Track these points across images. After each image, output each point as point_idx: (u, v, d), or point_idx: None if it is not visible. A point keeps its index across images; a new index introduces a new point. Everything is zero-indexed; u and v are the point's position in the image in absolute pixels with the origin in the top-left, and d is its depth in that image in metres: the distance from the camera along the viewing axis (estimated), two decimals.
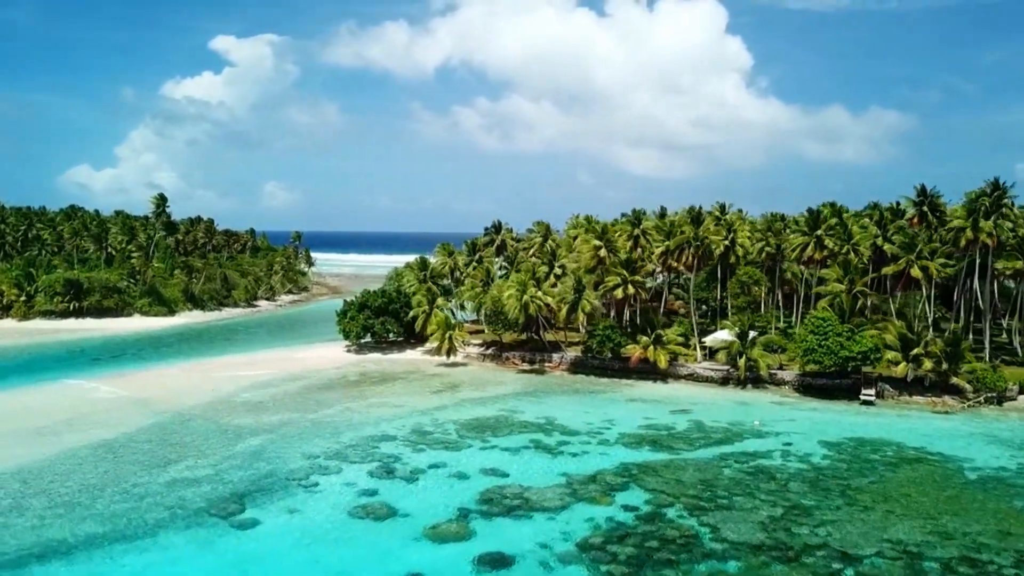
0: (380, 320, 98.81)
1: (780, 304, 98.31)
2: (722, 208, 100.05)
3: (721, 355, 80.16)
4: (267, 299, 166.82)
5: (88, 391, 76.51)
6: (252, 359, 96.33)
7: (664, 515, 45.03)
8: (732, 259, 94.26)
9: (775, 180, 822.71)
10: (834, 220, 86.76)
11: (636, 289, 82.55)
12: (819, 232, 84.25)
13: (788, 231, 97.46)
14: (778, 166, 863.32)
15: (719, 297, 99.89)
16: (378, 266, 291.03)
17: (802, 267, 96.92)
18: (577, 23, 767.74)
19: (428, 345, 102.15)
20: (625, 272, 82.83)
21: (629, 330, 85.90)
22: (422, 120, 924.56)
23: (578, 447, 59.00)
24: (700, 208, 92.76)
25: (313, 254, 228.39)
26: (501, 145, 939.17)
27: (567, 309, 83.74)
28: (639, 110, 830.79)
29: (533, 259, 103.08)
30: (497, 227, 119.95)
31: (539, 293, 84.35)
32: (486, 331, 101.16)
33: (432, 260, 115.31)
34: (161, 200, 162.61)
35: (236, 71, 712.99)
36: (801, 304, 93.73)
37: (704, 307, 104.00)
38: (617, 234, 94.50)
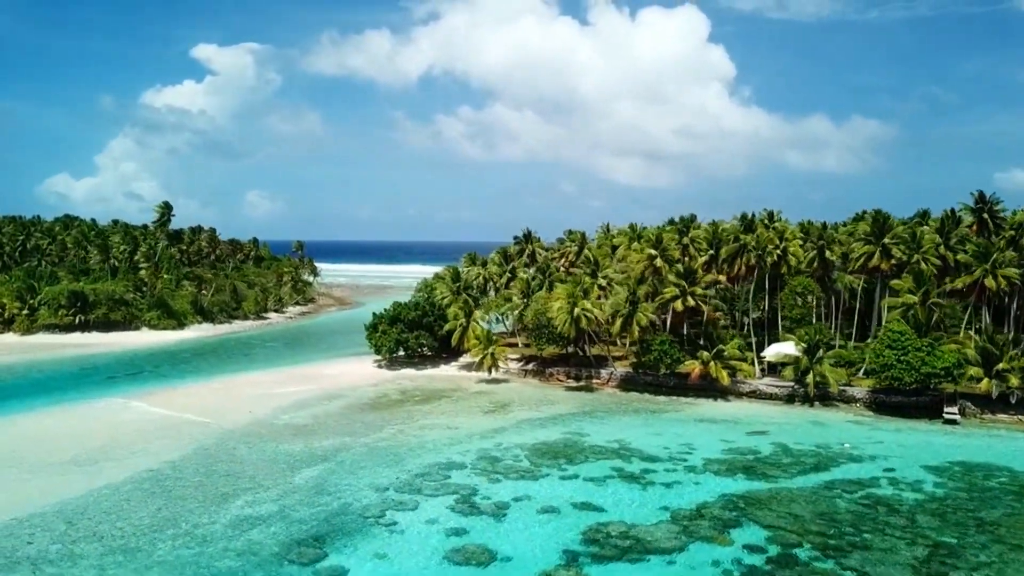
0: (414, 334, 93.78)
1: (833, 316, 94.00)
2: (770, 215, 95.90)
3: (788, 371, 75.63)
4: (276, 311, 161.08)
5: (116, 413, 71.09)
6: (280, 376, 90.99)
7: (797, 557, 40.47)
8: (784, 269, 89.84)
9: (758, 189, 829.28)
10: (900, 228, 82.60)
11: (696, 301, 77.96)
12: (886, 241, 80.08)
13: (837, 240, 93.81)
14: (761, 175, 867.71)
15: (766, 308, 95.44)
16: (372, 276, 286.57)
17: (852, 277, 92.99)
18: (559, 32, 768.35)
19: (462, 360, 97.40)
20: (684, 283, 78.29)
21: (684, 344, 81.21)
22: (405, 129, 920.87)
23: (666, 475, 54.35)
24: (753, 215, 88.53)
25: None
26: (484, 154, 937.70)
27: (620, 323, 78.97)
28: (622, 119, 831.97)
29: (574, 269, 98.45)
30: (527, 236, 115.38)
31: (589, 306, 79.57)
32: (519, 344, 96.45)
33: (464, 270, 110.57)
34: (165, 208, 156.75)
35: (218, 80, 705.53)
36: (857, 316, 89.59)
37: (748, 319, 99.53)
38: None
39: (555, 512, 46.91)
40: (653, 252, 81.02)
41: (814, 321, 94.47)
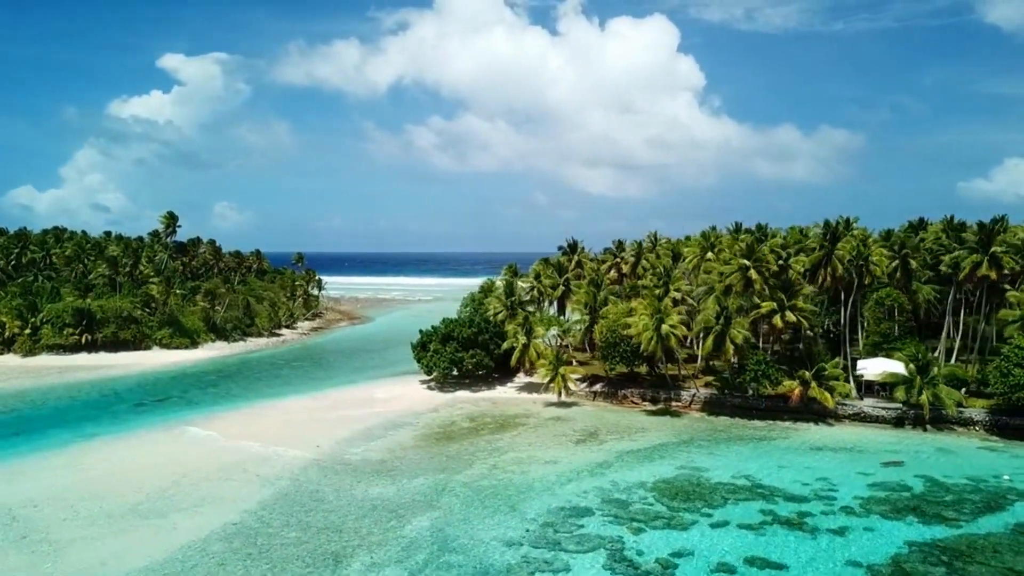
0: (470, 353, 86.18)
1: (916, 330, 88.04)
2: (847, 222, 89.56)
3: (900, 391, 69.25)
4: (288, 327, 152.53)
5: (166, 448, 62.82)
6: (327, 400, 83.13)
7: None
8: (868, 279, 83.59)
9: (728, 199, 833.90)
10: (1015, 235, 76.81)
11: (797, 317, 71.37)
12: (995, 249, 74.13)
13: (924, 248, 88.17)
14: (730, 184, 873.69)
15: (843, 322, 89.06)
16: (364, 288, 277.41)
17: (929, 288, 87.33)
18: (529, 42, 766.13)
19: (517, 380, 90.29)
20: (783, 296, 71.72)
21: (777, 363, 74.61)
22: (375, 139, 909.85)
23: (826, 519, 47.59)
24: (838, 222, 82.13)
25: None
26: (456, 164, 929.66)
27: (712, 340, 72.16)
28: (593, 129, 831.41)
29: (629, 281, 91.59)
30: (572, 246, 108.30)
31: (677, 321, 72.73)
32: (572, 362, 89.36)
33: (500, 283, 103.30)
34: (170, 219, 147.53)
35: (185, 90, 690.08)
36: (952, 330, 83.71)
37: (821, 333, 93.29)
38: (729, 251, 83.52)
39: (732, 572, 39.84)
40: (745, 262, 74.26)
41: (895, 334, 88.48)
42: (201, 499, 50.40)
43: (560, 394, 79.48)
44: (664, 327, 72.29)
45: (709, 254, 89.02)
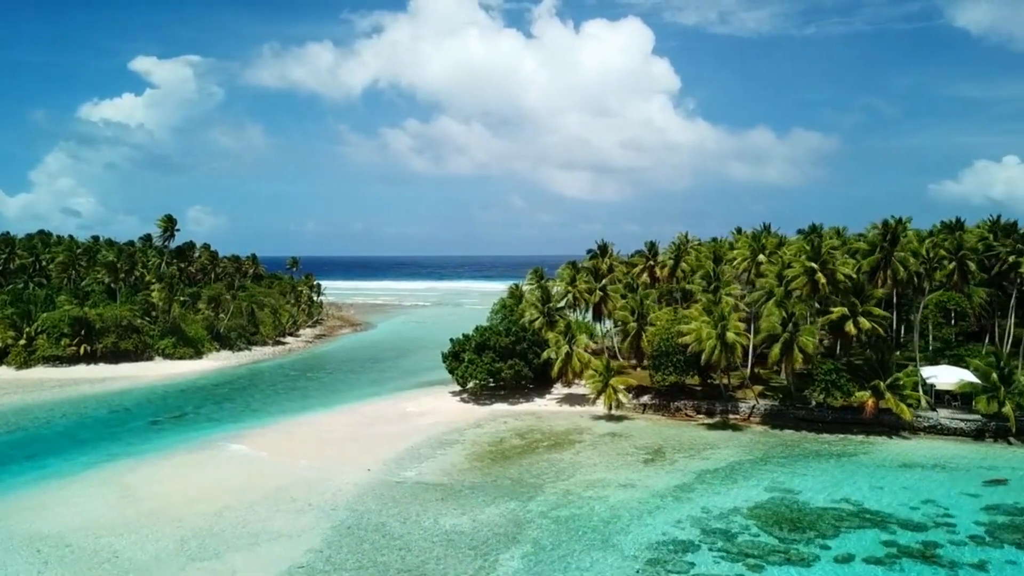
0: (508, 363, 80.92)
1: (976, 335, 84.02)
2: (898, 222, 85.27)
3: (981, 402, 64.93)
4: (291, 334, 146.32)
5: (198, 473, 56.98)
6: (357, 416, 77.68)
7: None
8: (927, 283, 79.42)
9: (703, 202, 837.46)
10: None
11: (872, 323, 66.88)
12: None
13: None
14: (705, 187, 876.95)
15: (895, 327, 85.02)
16: (354, 292, 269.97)
17: (983, 291, 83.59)
18: (504, 45, 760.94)
19: (556, 391, 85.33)
20: (856, 300, 67.20)
21: (846, 372, 70.04)
22: (350, 143, 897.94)
23: (957, 551, 43.13)
24: (897, 221, 77.78)
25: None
26: (432, 167, 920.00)
27: (779, 349, 67.47)
28: (569, 132, 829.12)
29: (680, 286, 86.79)
30: (603, 248, 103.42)
31: (743, 330, 68.00)
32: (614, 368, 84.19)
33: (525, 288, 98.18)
34: (169, 223, 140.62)
35: (158, 93, 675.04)
36: (1007, 334, 79.84)
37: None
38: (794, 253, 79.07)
39: None
40: (812, 265, 69.63)
41: (955, 340, 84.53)
42: (255, 535, 44.81)
43: (611, 408, 74.38)
44: (730, 335, 67.49)
45: (760, 256, 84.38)
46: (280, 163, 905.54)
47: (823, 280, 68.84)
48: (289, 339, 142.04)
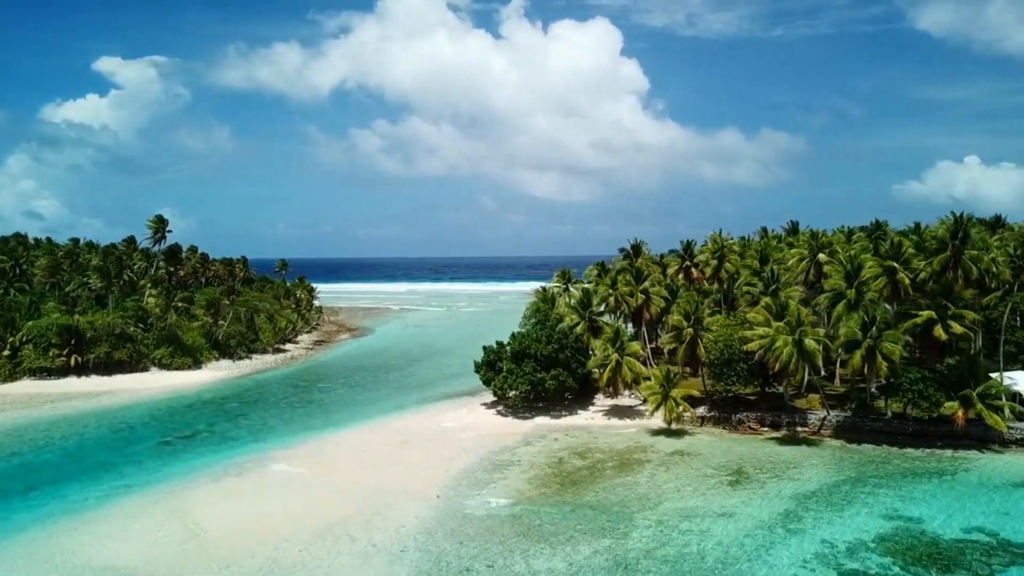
0: (551, 374, 74.45)
1: None
2: (958, 219, 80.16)
3: None
4: (290, 341, 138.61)
5: (234, 506, 49.71)
6: (389, 432, 71.01)
7: None
8: (992, 283, 74.30)
9: (673, 203, 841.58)
10: None
11: (965, 328, 61.35)
12: None
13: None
14: (675, 188, 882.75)
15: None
16: (340, 295, 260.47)
17: None
18: (473, 46, 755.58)
19: (599, 402, 79.09)
20: (946, 303, 61.64)
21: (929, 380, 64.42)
22: (319, 144, 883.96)
23: None
24: (965, 217, 72.49)
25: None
26: (403, 168, 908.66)
27: (861, 356, 61.68)
28: (539, 133, 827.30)
29: (726, 288, 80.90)
30: (636, 248, 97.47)
31: (822, 336, 62.21)
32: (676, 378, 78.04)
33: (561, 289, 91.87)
34: (159, 224, 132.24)
35: (123, 93, 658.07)
36: None
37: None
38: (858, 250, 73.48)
39: None
40: (893, 264, 63.99)
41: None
42: None
43: (670, 422, 68.18)
44: (809, 342, 61.57)
45: (821, 255, 78.65)
46: (248, 165, 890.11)
47: (906, 281, 63.19)
48: (289, 346, 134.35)
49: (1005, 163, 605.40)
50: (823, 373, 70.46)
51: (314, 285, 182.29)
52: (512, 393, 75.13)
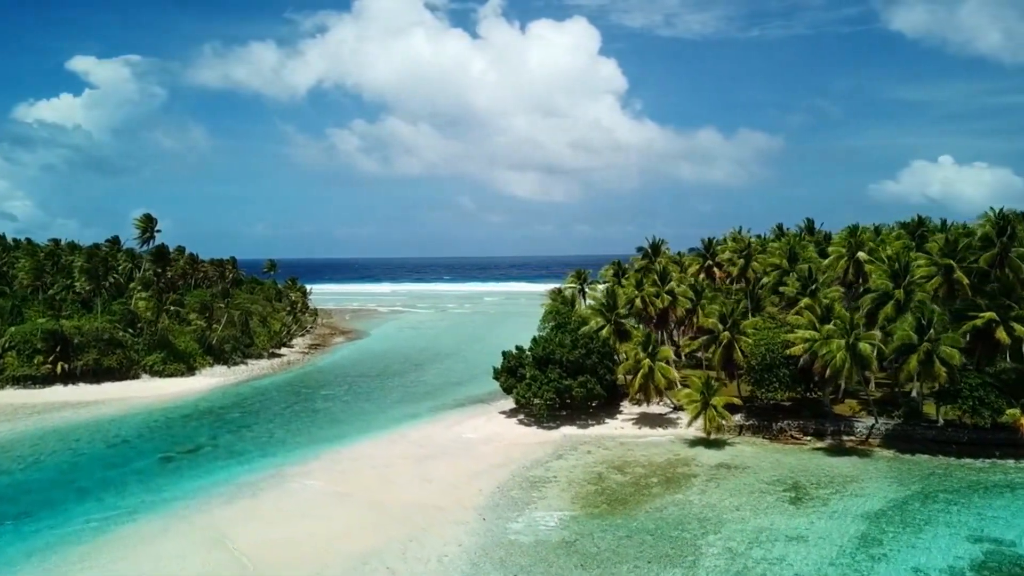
0: (578, 381, 70.06)
1: None
2: (1001, 215, 76.68)
3: None
4: (286, 345, 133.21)
5: (265, 529, 44.80)
6: (407, 443, 66.43)
7: None
8: None
9: (651, 202, 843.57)
10: None
11: None
12: None
13: None
14: (654, 187, 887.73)
15: None
16: (325, 296, 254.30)
17: None
18: (451, 45, 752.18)
19: (626, 410, 74.82)
20: (1010, 303, 57.87)
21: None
22: (297, 143, 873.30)
23: None
24: (1009, 213, 68.90)
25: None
26: (381, 169, 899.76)
27: (916, 361, 57.76)
28: (518, 133, 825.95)
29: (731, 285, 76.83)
30: (655, 247, 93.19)
31: (879, 339, 58.26)
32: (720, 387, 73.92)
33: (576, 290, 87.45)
34: (147, 223, 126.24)
35: (98, 93, 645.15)
36: None
37: None
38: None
39: None
40: (950, 262, 60.16)
41: None
42: None
43: (710, 432, 63.95)
44: (863, 346, 57.56)
45: (861, 253, 74.71)
46: (225, 165, 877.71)
47: (965, 280, 59.35)
48: (284, 351, 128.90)
49: (978, 163, 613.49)
50: (873, 380, 66.46)
51: (307, 287, 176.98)
52: (537, 401, 70.51)
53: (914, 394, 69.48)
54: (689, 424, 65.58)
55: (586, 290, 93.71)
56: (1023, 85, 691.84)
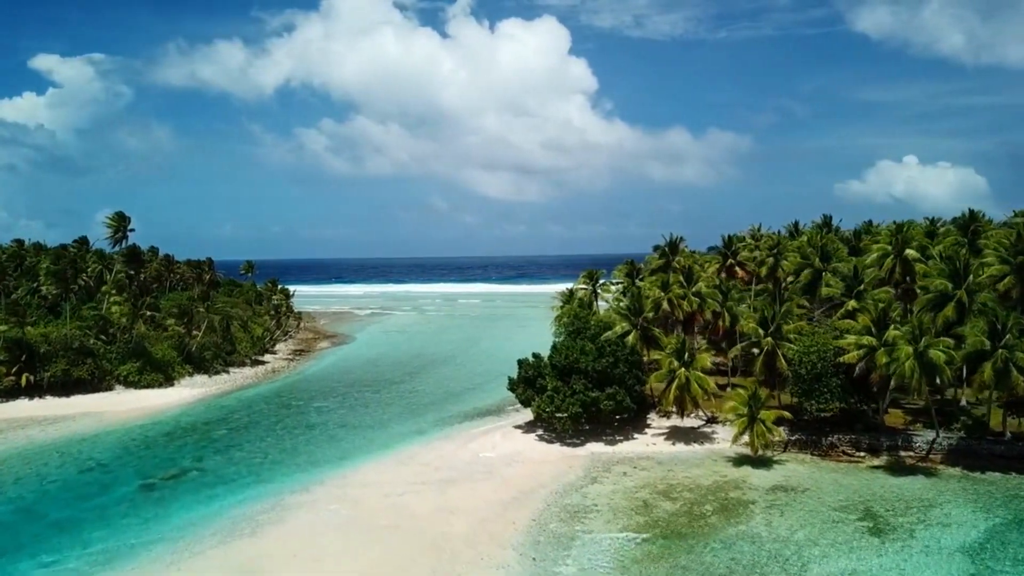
0: (607, 392, 63.56)
1: None
2: None
3: None
4: (268, 351, 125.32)
5: (281, 574, 37.74)
6: (418, 465, 59.54)
7: None
8: None
9: (622, 202, 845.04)
10: None
11: None
12: None
13: None
14: (624, 187, 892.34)
15: None
16: (302, 298, 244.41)
17: None
18: (419, 45, 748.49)
19: (655, 423, 68.50)
20: None
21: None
22: (264, 143, 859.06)
23: None
24: None
25: None
26: (351, 168, 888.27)
27: (991, 369, 51.96)
28: (489, 132, 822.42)
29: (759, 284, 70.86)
30: (673, 246, 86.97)
31: (952, 345, 52.38)
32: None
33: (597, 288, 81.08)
34: (120, 221, 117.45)
35: (62, 92, 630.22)
36: None
37: None
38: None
39: None
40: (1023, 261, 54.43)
41: None
42: None
43: (757, 449, 57.69)
44: (935, 353, 51.61)
45: (909, 251, 68.94)
46: (191, 165, 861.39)
47: None
48: (268, 357, 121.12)
49: (942, 163, 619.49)
50: (943, 391, 60.80)
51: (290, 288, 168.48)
52: (561, 416, 63.88)
53: (963, 403, 64.08)
54: (735, 440, 59.30)
55: (599, 291, 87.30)
56: (984, 86, 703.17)
